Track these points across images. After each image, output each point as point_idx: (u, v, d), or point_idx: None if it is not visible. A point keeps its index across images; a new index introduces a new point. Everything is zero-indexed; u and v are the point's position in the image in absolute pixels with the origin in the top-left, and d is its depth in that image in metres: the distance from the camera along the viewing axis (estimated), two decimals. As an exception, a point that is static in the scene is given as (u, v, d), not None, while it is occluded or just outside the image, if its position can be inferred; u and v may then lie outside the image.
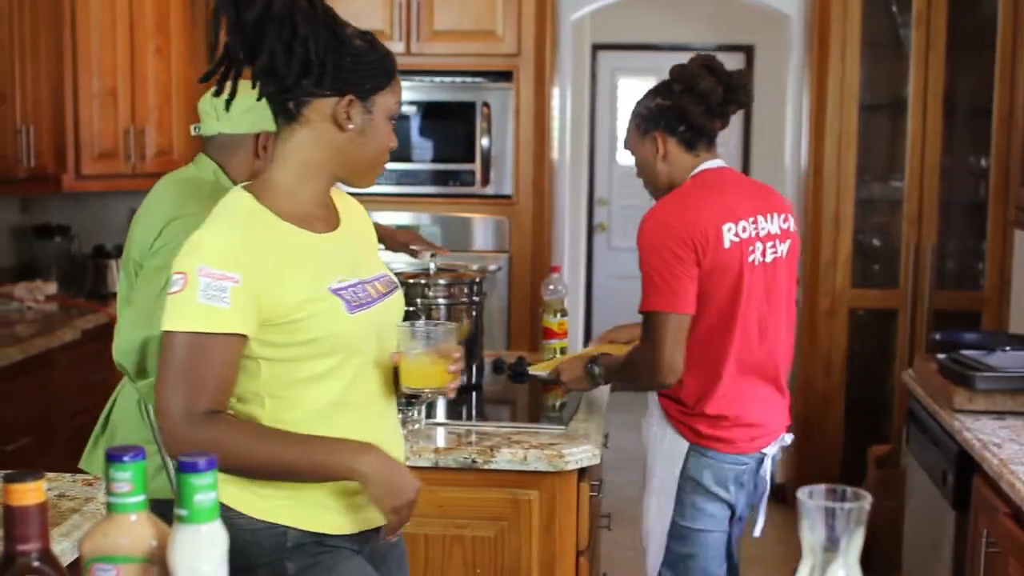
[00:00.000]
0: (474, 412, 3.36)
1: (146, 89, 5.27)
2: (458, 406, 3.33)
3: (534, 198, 5.03)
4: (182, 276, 1.94)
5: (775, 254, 2.93)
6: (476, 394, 3.48)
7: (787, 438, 3.10)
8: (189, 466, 1.32)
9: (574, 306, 7.69)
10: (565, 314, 3.81)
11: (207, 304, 1.92)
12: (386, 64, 2.10)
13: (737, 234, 2.84)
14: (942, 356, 3.57)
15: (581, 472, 2.90)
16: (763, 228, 2.91)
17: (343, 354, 2.09)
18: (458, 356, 2.26)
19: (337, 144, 2.08)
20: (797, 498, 1.25)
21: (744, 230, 2.86)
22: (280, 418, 2.05)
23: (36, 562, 1.33)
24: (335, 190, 2.24)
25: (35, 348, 4.26)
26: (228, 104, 2.10)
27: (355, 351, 2.11)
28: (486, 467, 2.83)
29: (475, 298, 3.50)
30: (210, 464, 1.33)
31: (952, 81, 5.01)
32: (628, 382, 2.99)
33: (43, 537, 1.33)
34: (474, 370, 3.50)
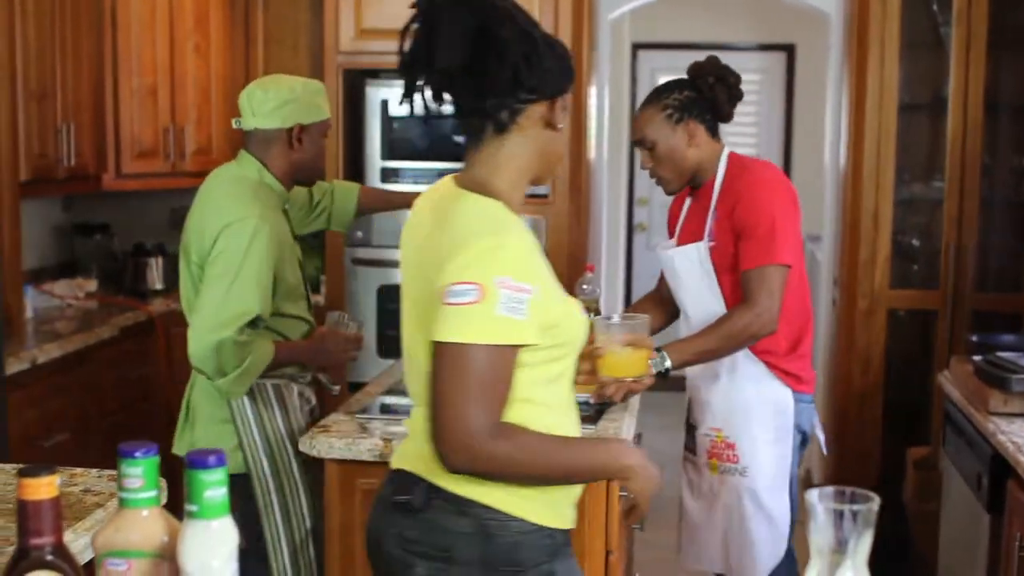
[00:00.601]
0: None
1: (185, 88, 5.30)
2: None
3: (571, 197, 5.02)
4: (476, 287, 1.90)
5: None
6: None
7: None
8: (199, 462, 1.32)
9: (613, 305, 7.70)
10: (598, 313, 3.81)
11: (507, 316, 1.91)
12: (571, 57, 2.16)
13: None
14: (978, 358, 3.54)
15: (610, 472, 2.89)
16: None
17: (574, 354, 2.14)
18: (651, 345, 2.64)
19: (543, 145, 2.11)
20: (805, 499, 1.24)
21: None
22: (526, 420, 2.04)
23: (49, 556, 1.33)
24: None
25: (74, 345, 4.31)
26: (426, 119, 2.10)
27: (578, 350, 2.15)
28: (515, 466, 2.83)
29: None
30: (220, 460, 1.33)
31: (993, 79, 4.95)
32: (726, 350, 3.11)
33: (56, 531, 1.34)
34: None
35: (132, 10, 5.05)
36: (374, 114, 5.02)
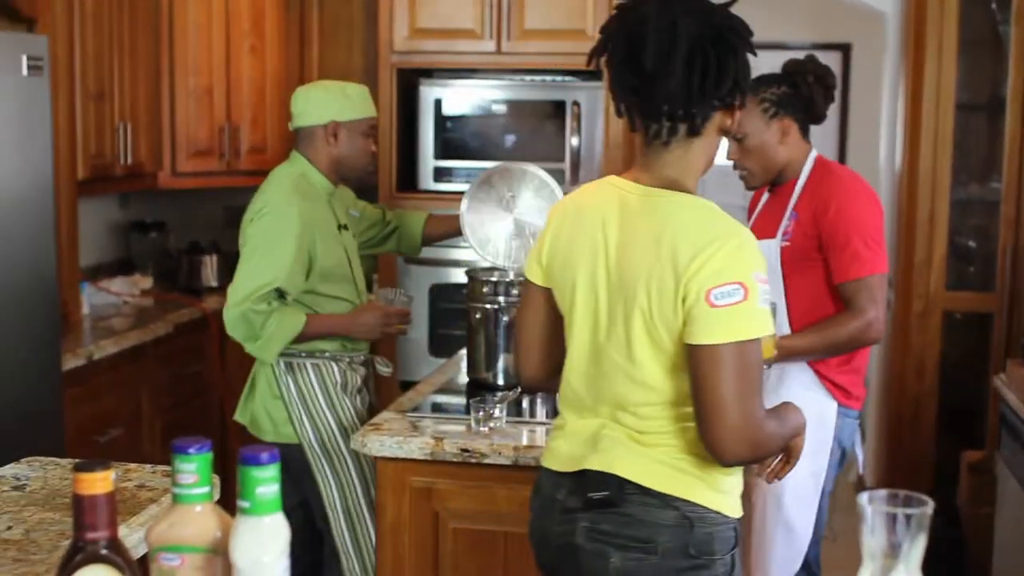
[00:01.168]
0: (555, 410, 3.35)
1: (241, 88, 5.34)
2: (540, 404, 3.33)
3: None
4: (739, 286, 1.99)
5: None
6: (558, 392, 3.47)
7: None
8: (252, 459, 1.33)
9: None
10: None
11: (763, 308, 2.02)
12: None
13: None
14: (1035, 361, 3.50)
15: (661, 472, 2.89)
16: None
17: None
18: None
19: (713, 149, 2.22)
20: (858, 503, 1.23)
21: None
22: None
23: (104, 550, 1.35)
24: None
25: (130, 341, 4.35)
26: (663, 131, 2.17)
27: None
28: (565, 466, 2.83)
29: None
30: (272, 457, 1.34)
31: (1052, 79, 4.89)
32: (825, 354, 3.10)
33: (111, 525, 1.36)
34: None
35: (188, 11, 5.10)
36: (427, 113, 5.04)
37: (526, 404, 3.29)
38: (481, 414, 2.95)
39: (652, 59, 2.06)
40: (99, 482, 1.34)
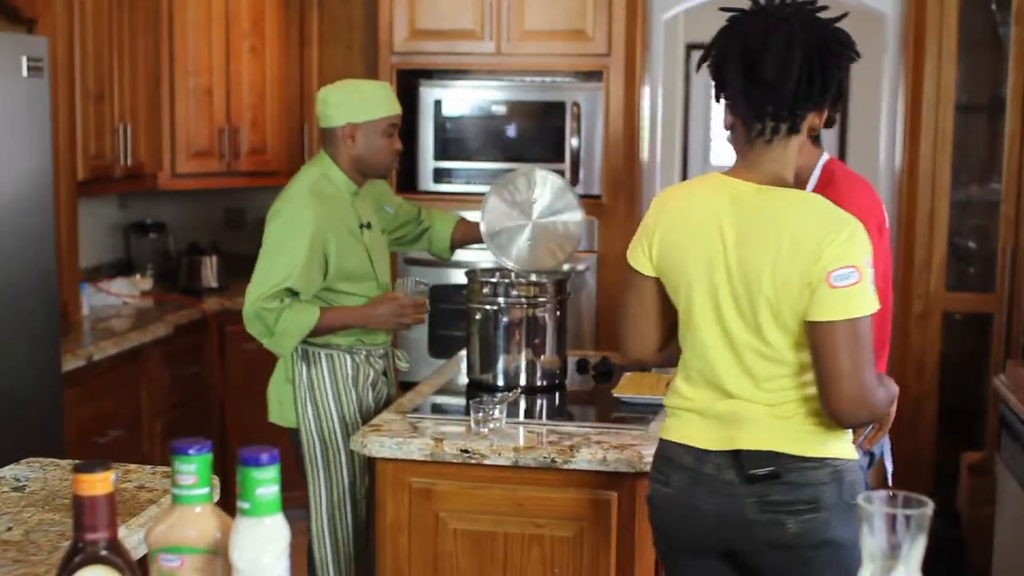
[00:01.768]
0: (555, 412, 3.36)
1: (241, 88, 5.34)
2: (539, 405, 3.34)
3: (623, 198, 5.01)
4: (855, 269, 2.22)
5: None
6: (558, 393, 3.48)
7: None
8: (252, 460, 1.33)
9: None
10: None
11: (872, 287, 2.25)
12: None
13: None
14: (1035, 362, 3.50)
15: (661, 473, 2.89)
16: None
17: None
18: None
19: (802, 146, 2.46)
20: (858, 504, 1.23)
21: None
22: None
23: (104, 551, 1.35)
24: None
25: (130, 342, 4.35)
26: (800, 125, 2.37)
27: None
28: (565, 467, 2.83)
29: (558, 297, 3.50)
30: (272, 458, 1.34)
31: (1052, 80, 4.89)
32: None
33: (111, 527, 1.36)
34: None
35: (188, 12, 5.10)
36: (427, 114, 5.04)
37: (525, 405, 3.29)
38: (481, 415, 2.96)
39: (772, 68, 2.26)
40: (99, 483, 1.34)
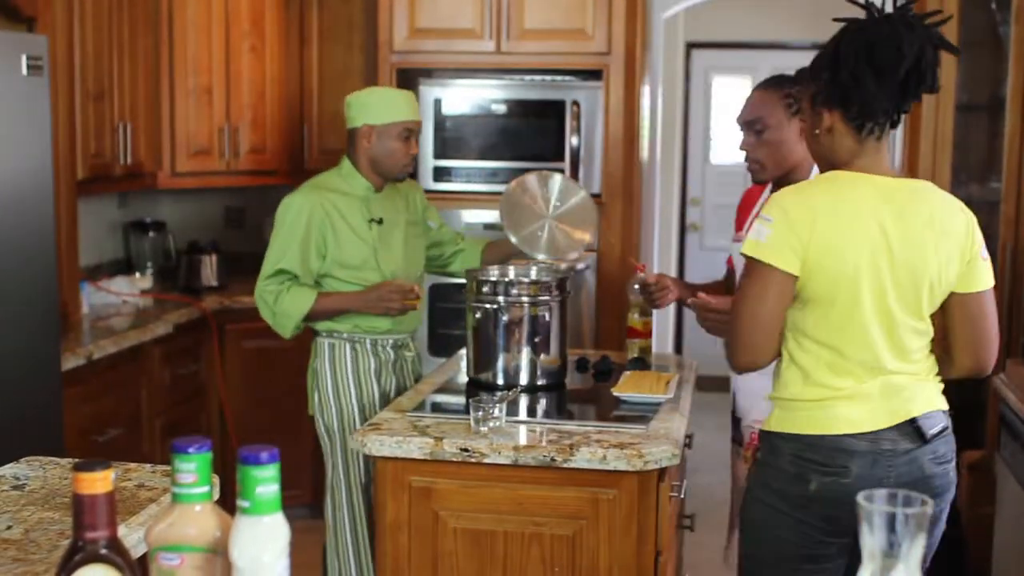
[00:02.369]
0: (555, 410, 3.36)
1: (240, 88, 5.34)
2: (539, 404, 3.33)
3: (623, 197, 5.01)
4: (985, 248, 2.57)
5: None
6: (558, 392, 3.48)
7: None
8: (251, 458, 1.33)
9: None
10: (649, 313, 3.80)
11: None
12: None
13: None
14: (1035, 361, 3.50)
15: (661, 472, 2.89)
16: None
17: None
18: None
19: None
20: (857, 502, 1.23)
21: None
22: None
23: (104, 550, 1.35)
24: None
25: (129, 341, 4.35)
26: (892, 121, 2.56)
27: None
28: (565, 465, 2.83)
29: (559, 296, 3.50)
30: (272, 457, 1.34)
31: (1052, 79, 4.89)
32: None
33: (111, 525, 1.36)
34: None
35: (188, 11, 5.10)
36: (427, 113, 5.04)
37: (525, 404, 3.29)
38: (481, 414, 2.95)
39: (903, 72, 2.42)
40: (99, 482, 1.34)
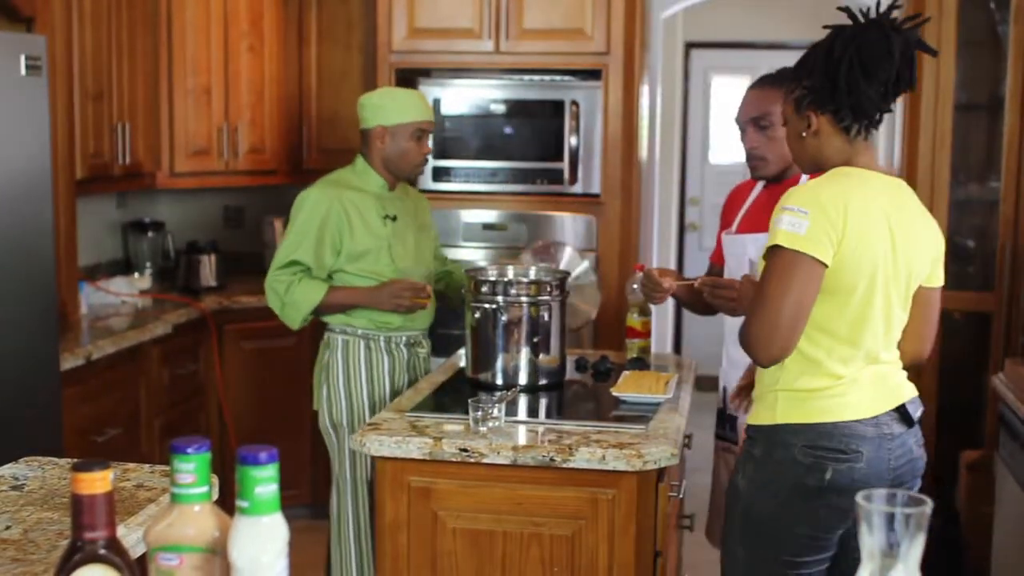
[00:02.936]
0: (554, 410, 3.36)
1: (239, 87, 5.34)
2: (538, 404, 3.33)
3: (622, 197, 5.00)
4: None
5: None
6: (557, 392, 3.48)
7: None
8: (250, 459, 1.33)
9: (664, 305, 7.67)
10: (648, 313, 3.80)
11: None
12: None
13: None
14: (1034, 360, 3.50)
15: (660, 472, 2.89)
16: None
17: None
18: None
19: None
20: (856, 502, 1.23)
21: None
22: None
23: (103, 550, 1.35)
24: None
25: (128, 341, 4.35)
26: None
27: None
28: (564, 466, 2.83)
29: (558, 296, 3.49)
30: (271, 457, 1.34)
31: (1051, 79, 4.89)
32: None
33: (110, 525, 1.35)
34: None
35: (187, 11, 5.10)
36: (426, 113, 5.03)
37: (524, 404, 3.29)
38: (480, 414, 2.95)
39: (881, 73, 2.51)
40: (97, 482, 1.33)
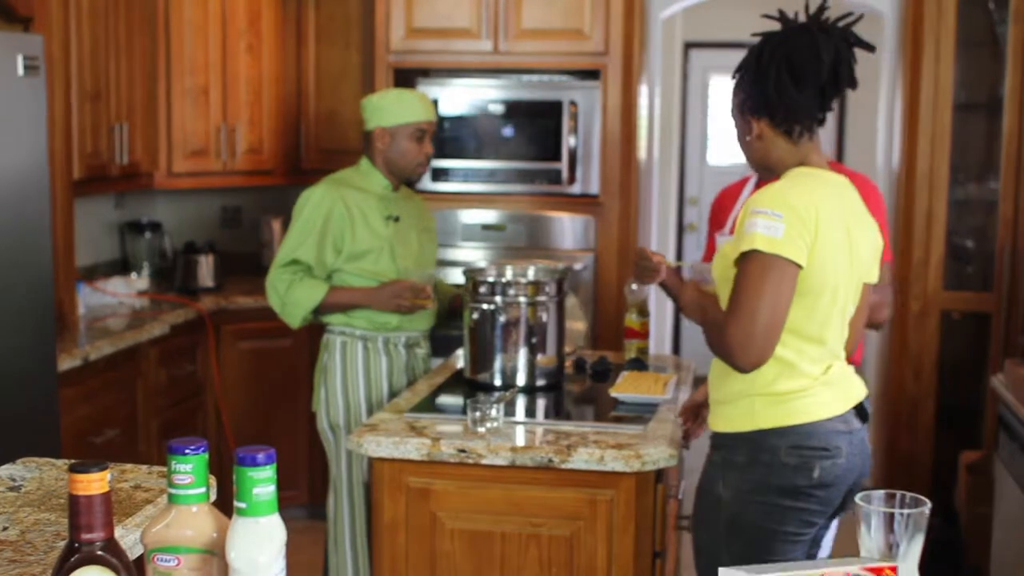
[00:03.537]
0: (553, 411, 3.35)
1: (237, 87, 5.34)
2: (537, 405, 3.33)
3: (621, 197, 5.00)
4: None
5: None
6: (556, 392, 3.47)
7: None
8: (248, 459, 1.33)
9: (663, 306, 7.67)
10: (647, 314, 3.80)
11: None
12: None
13: None
14: (1033, 361, 3.50)
15: (659, 473, 2.88)
16: None
17: None
18: None
19: None
20: (856, 503, 1.23)
21: None
22: None
23: (100, 551, 1.34)
24: None
25: (126, 342, 4.34)
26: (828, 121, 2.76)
27: None
28: (563, 466, 2.83)
29: (556, 296, 3.49)
30: (269, 458, 1.33)
31: (1050, 79, 4.89)
32: None
33: (107, 526, 1.35)
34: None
35: (185, 11, 5.09)
36: (424, 113, 5.03)
37: (523, 404, 3.29)
38: (478, 414, 2.95)
39: (811, 77, 2.57)
40: (95, 483, 1.33)
